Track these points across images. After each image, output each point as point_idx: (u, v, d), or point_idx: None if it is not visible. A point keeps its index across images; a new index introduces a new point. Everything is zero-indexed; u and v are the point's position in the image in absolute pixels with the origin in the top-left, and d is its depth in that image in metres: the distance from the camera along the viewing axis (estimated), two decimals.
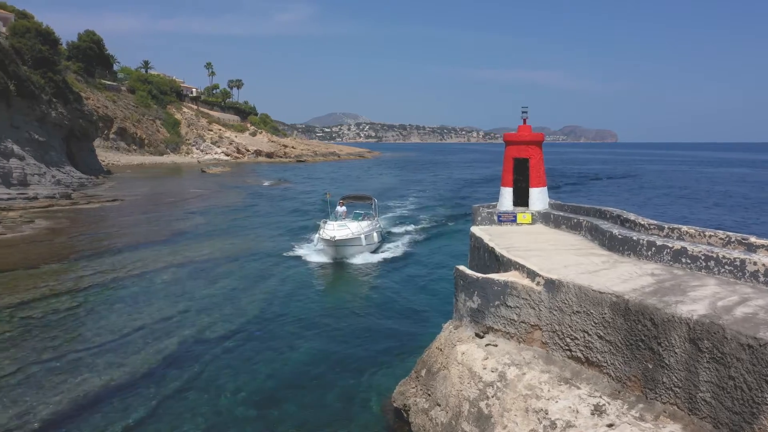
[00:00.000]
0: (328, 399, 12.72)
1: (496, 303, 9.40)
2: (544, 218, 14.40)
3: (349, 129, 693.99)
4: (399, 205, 49.14)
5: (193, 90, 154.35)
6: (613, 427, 7.12)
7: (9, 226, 31.97)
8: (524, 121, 15.07)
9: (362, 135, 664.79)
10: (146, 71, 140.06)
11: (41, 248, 27.39)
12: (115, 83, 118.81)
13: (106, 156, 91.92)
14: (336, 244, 24.62)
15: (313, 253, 26.66)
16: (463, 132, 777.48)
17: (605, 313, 7.85)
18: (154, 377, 13.50)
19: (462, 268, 10.26)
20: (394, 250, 28.70)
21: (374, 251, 27.54)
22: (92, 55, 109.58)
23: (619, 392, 7.71)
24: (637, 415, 7.22)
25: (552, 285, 8.61)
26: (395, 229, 35.11)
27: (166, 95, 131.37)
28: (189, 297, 20.03)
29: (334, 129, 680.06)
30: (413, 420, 9.88)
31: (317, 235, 26.30)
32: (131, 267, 23.88)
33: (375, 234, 28.19)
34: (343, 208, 29.38)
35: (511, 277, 9.37)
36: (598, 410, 7.59)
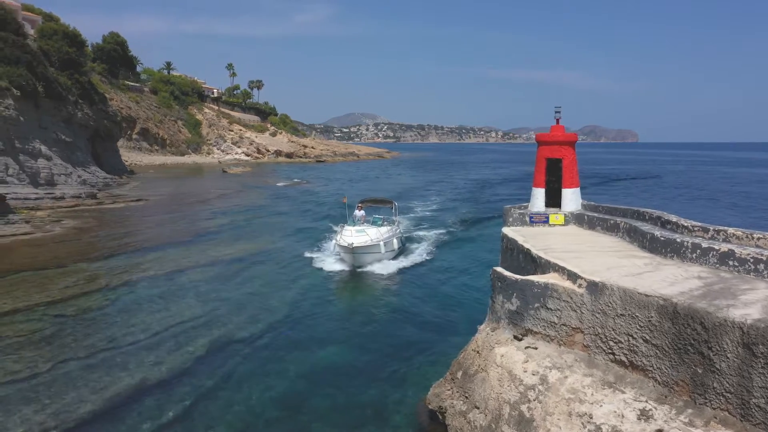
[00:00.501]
0: (360, 400, 12.70)
1: (536, 305, 9.29)
2: (577, 219, 14.22)
3: (367, 129, 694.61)
4: (420, 205, 49.04)
5: (214, 91, 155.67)
6: None
7: (38, 225, 32.46)
8: (557, 121, 14.90)
9: (380, 135, 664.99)
10: (168, 72, 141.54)
11: (70, 247, 27.76)
12: (138, 84, 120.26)
13: (129, 156, 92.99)
14: (354, 252, 23.45)
15: (329, 260, 25.60)
16: (482, 132, 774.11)
17: (652, 317, 7.70)
18: (187, 376, 13.60)
19: (499, 269, 10.16)
20: (414, 255, 27.60)
21: (394, 257, 26.37)
22: (116, 56, 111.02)
23: (665, 397, 7.56)
24: (687, 420, 7.08)
25: (595, 287, 8.48)
26: (416, 233, 33.92)
27: (188, 96, 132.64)
28: (216, 297, 20.15)
29: (352, 129, 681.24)
30: (450, 422, 9.80)
31: (334, 241, 25.46)
32: (159, 266, 24.10)
33: (395, 240, 26.91)
34: (362, 212, 28.54)
35: (551, 279, 9.25)
36: (644, 415, 7.45)
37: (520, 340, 9.57)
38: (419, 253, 28.17)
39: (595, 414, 7.72)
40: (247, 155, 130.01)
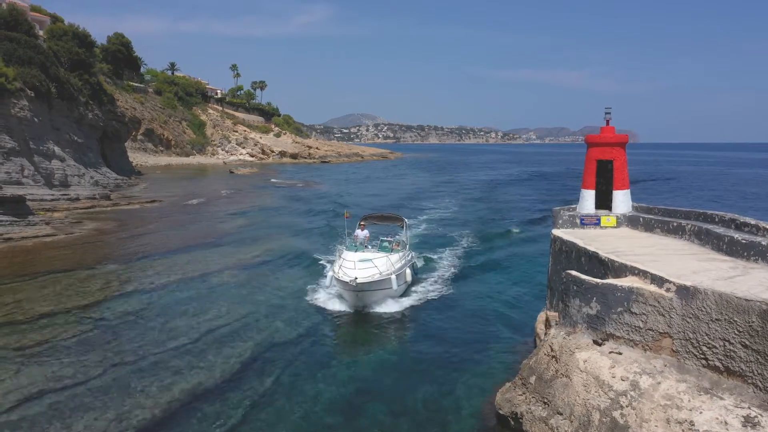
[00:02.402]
0: (415, 405, 12.53)
1: (619, 309, 9.17)
2: (630, 221, 14.11)
3: (367, 130, 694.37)
4: (432, 208, 48.85)
5: (218, 91, 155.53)
6: None
7: (58, 227, 32.29)
8: (607, 122, 14.80)
9: (380, 136, 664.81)
10: (173, 73, 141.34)
11: (95, 249, 27.62)
12: (142, 85, 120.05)
13: (135, 157, 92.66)
14: (357, 289, 17.85)
15: (327, 296, 20.13)
16: (482, 133, 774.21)
17: (753, 322, 7.58)
18: (238, 382, 13.44)
19: (575, 273, 10.04)
20: (432, 285, 22.32)
21: (405, 291, 21.05)
22: (121, 57, 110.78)
23: None
24: None
25: (686, 292, 8.36)
26: (429, 252, 28.19)
27: (192, 97, 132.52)
28: (251, 300, 19.98)
29: (352, 130, 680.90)
30: (528, 428, 9.67)
31: (330, 273, 19.58)
32: (187, 269, 23.94)
33: (408, 270, 20.99)
34: (365, 232, 22.88)
35: (634, 282, 9.13)
36: (749, 422, 7.33)
37: (599, 344, 9.45)
38: (437, 280, 23.05)
39: (696, 421, 7.60)
40: (252, 156, 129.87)
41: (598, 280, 9.53)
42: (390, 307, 19.01)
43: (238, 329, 16.92)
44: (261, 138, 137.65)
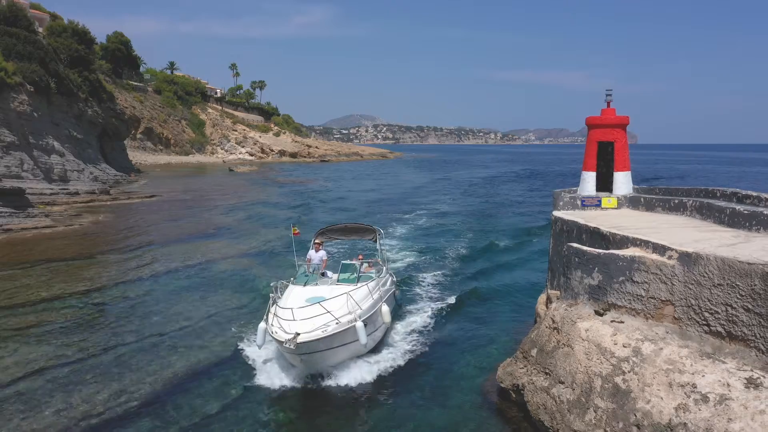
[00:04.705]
0: (425, 381, 12.44)
1: (621, 279, 9.16)
2: (631, 202, 14.10)
3: (366, 131, 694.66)
4: (430, 203, 48.86)
5: (218, 91, 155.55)
6: None
7: (58, 219, 32.28)
8: (608, 104, 14.77)
9: (380, 136, 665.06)
10: (172, 72, 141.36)
11: (95, 240, 27.61)
12: (141, 84, 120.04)
13: (134, 155, 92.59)
14: (300, 351, 11.38)
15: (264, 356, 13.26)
16: (481, 133, 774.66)
17: (755, 285, 7.57)
18: (237, 361, 13.40)
19: (576, 245, 10.04)
20: (419, 325, 15.95)
21: (385, 336, 14.78)
22: (120, 56, 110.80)
23: None
24: None
25: (688, 258, 8.35)
26: (417, 272, 21.97)
27: (192, 96, 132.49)
28: (250, 287, 19.94)
29: (351, 131, 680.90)
30: (530, 399, 9.66)
31: (262, 325, 12.65)
32: (187, 257, 23.93)
33: (384, 308, 14.20)
34: (321, 254, 16.33)
35: (636, 252, 9.13)
36: (752, 383, 7.32)
37: (601, 315, 9.44)
38: (426, 313, 16.97)
39: (698, 383, 7.59)
40: (251, 155, 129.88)
41: (600, 251, 9.53)
42: (357, 372, 12.51)
43: (237, 314, 16.88)
44: (260, 137, 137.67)
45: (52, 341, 13.99)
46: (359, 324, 12.29)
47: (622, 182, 14.64)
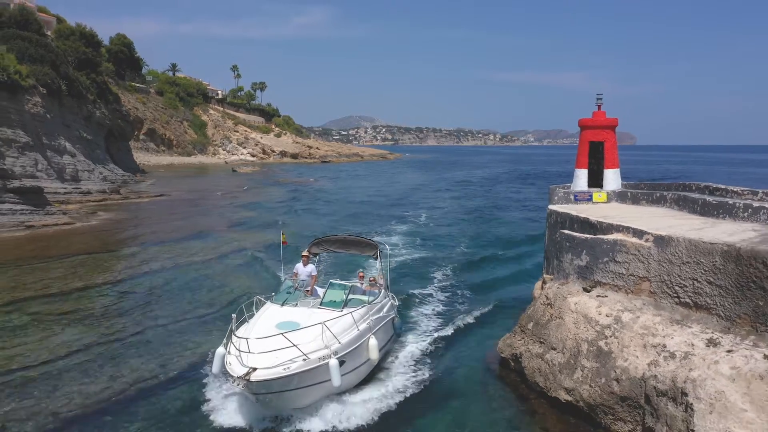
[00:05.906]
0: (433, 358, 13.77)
1: (605, 259, 10.59)
2: (620, 197, 15.53)
3: (365, 132, 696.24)
4: (430, 202, 50.17)
5: (219, 92, 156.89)
6: (732, 352, 8.27)
7: (75, 217, 33.63)
8: (599, 107, 16.19)
9: (379, 138, 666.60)
10: (174, 74, 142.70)
11: (114, 235, 29.01)
12: (143, 85, 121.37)
13: (137, 156, 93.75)
14: (254, 391, 9.79)
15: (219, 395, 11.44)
16: (480, 135, 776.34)
17: (716, 261, 9.00)
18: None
19: (567, 231, 11.45)
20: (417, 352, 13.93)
21: (379, 366, 12.78)
22: (123, 58, 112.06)
23: (729, 329, 8.86)
24: (751, 344, 8.37)
25: (661, 240, 9.78)
26: (420, 288, 19.99)
27: (193, 97, 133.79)
28: (263, 277, 21.29)
29: (350, 132, 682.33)
30: (526, 364, 11.08)
31: (221, 350, 10.84)
32: (203, 251, 25.33)
33: (372, 341, 11.93)
34: (309, 269, 14.23)
35: (618, 236, 10.56)
36: (712, 343, 8.75)
37: (589, 291, 10.87)
38: (424, 336, 15.02)
39: (668, 344, 9.02)
40: (253, 156, 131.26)
41: (588, 235, 10.96)
42: (330, 415, 10.47)
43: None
44: (262, 138, 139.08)
45: (92, 323, 15.47)
46: (333, 362, 10.21)
47: (612, 178, 16.07)
